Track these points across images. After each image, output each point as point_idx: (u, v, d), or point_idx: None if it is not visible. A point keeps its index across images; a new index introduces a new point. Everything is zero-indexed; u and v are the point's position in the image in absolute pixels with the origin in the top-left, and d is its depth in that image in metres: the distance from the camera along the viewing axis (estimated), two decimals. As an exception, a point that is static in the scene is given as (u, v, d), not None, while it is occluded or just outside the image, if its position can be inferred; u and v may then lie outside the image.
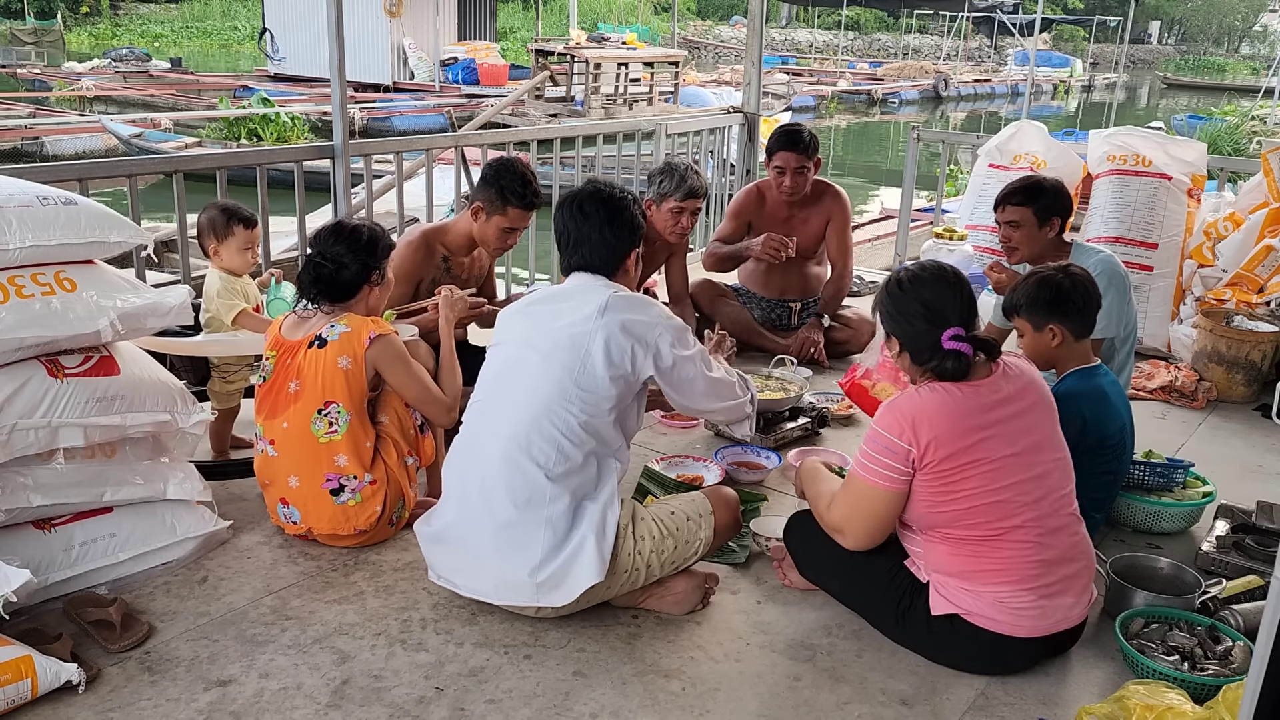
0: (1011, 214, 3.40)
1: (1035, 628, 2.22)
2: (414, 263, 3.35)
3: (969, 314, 2.27)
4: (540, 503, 2.29)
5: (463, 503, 2.39)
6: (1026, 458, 2.21)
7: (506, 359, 2.46)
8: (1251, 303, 4.37)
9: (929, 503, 2.22)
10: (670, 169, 4.00)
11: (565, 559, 2.29)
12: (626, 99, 18.69)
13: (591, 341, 2.34)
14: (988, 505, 2.18)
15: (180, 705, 2.11)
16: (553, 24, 34.97)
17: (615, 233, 2.46)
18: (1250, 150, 13.15)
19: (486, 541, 2.34)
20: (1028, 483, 2.20)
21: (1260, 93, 20.57)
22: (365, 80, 21.15)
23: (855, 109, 29.25)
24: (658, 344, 2.40)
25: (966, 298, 2.28)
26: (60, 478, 2.45)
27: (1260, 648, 1.25)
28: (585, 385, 2.33)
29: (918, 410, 2.20)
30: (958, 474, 2.17)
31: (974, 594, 2.22)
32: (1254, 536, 2.83)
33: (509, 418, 2.35)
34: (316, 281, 2.71)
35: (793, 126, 4.40)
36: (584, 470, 2.33)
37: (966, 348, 2.21)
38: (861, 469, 2.26)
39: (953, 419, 2.18)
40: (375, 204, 5.02)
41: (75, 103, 19.63)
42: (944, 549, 2.25)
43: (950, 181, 10.25)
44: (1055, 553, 2.23)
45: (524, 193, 3.27)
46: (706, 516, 2.48)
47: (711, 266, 4.58)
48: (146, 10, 40.78)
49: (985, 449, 2.17)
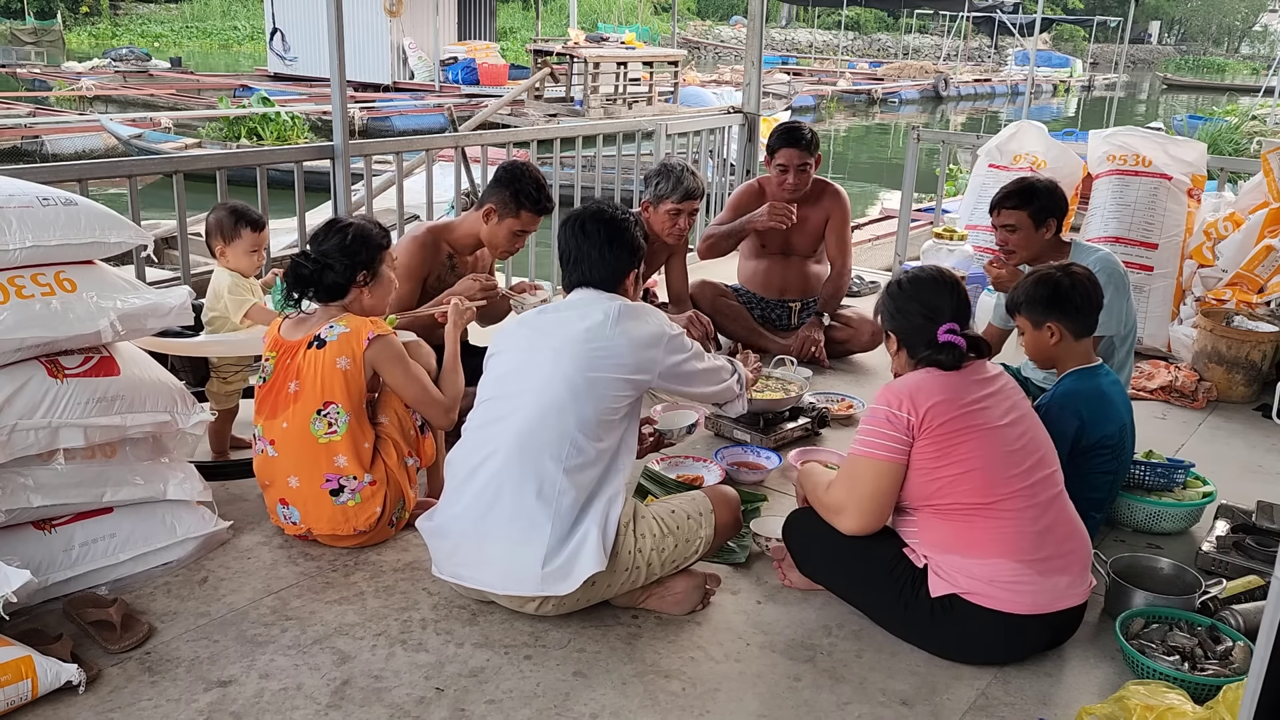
0: (1007, 218, 3.41)
1: (1034, 604, 2.25)
2: (420, 260, 3.39)
3: (962, 313, 2.42)
4: (551, 496, 2.32)
5: (469, 495, 2.40)
6: (1016, 429, 2.33)
7: (515, 359, 2.49)
8: (1251, 303, 4.37)
9: (925, 470, 2.29)
10: (666, 170, 4.00)
11: (571, 550, 2.32)
12: (626, 99, 18.68)
13: (603, 343, 2.39)
14: (980, 471, 2.26)
15: (180, 705, 2.11)
16: (552, 24, 34.97)
17: (615, 253, 2.52)
18: (1250, 150, 13.16)
19: (494, 533, 2.35)
20: (1018, 453, 2.30)
21: (1260, 92, 20.56)
22: (365, 80, 21.16)
23: (855, 109, 29.24)
24: (664, 350, 2.47)
25: (960, 299, 2.44)
26: (60, 478, 2.45)
27: (1260, 648, 1.25)
28: (597, 383, 2.37)
29: (915, 384, 2.32)
30: (955, 438, 2.27)
31: (970, 571, 2.26)
32: (1254, 536, 2.83)
33: (523, 412, 2.38)
34: (298, 282, 2.69)
35: (793, 124, 4.40)
36: (595, 465, 2.37)
37: (960, 341, 2.35)
38: (860, 445, 2.35)
39: (949, 388, 2.31)
40: (375, 202, 5.02)
41: (75, 102, 19.63)
42: (938, 522, 2.32)
43: (950, 181, 10.26)
44: (1046, 524, 2.29)
45: (538, 197, 3.34)
46: (707, 515, 2.50)
47: (709, 250, 4.52)
48: (146, 10, 40.79)
49: (980, 417, 2.29)
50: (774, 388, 3.65)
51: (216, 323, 3.18)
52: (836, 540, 2.42)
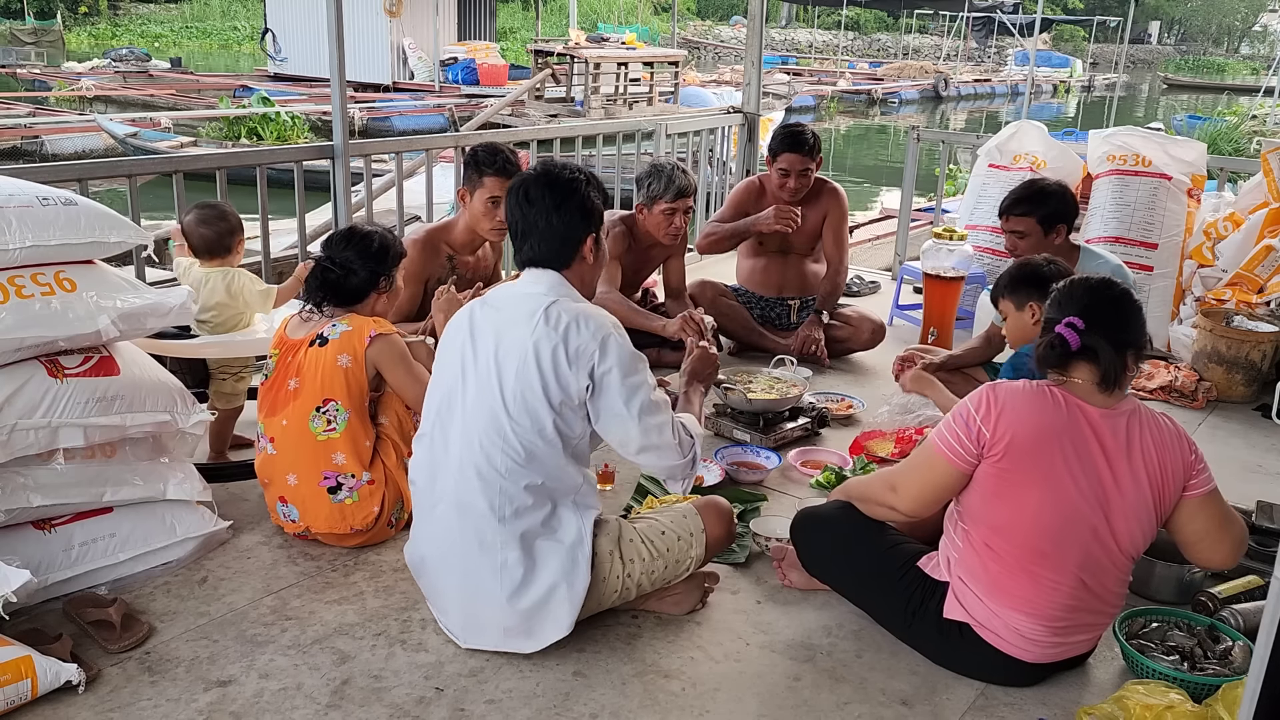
0: (1016, 224, 3.41)
1: (1043, 655, 2.21)
2: (420, 262, 3.42)
3: (1109, 325, 2.13)
4: (492, 548, 2.19)
5: (430, 541, 2.33)
6: (1101, 497, 2.10)
7: (444, 391, 2.29)
8: (1251, 303, 4.37)
9: (983, 496, 2.16)
10: (657, 170, 4.00)
11: (532, 606, 2.20)
12: (626, 99, 18.67)
13: (522, 363, 2.15)
14: (1037, 527, 2.10)
15: (180, 705, 2.11)
16: (553, 24, 34.96)
17: (565, 219, 2.23)
18: (1250, 150, 13.15)
19: (453, 582, 2.28)
20: (1087, 525, 2.10)
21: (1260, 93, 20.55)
22: (365, 80, 21.15)
23: (855, 109, 29.24)
24: (594, 361, 2.16)
25: (1125, 318, 2.15)
26: (60, 478, 2.45)
27: (1260, 648, 1.24)
28: (517, 416, 2.15)
29: (1009, 399, 2.13)
30: (1020, 480, 2.10)
31: (991, 612, 2.19)
32: (1254, 536, 2.82)
33: (454, 455, 2.23)
34: (323, 286, 2.72)
35: (796, 127, 4.39)
36: (535, 512, 2.19)
37: (1074, 339, 2.10)
38: (937, 435, 2.19)
39: (1040, 424, 2.10)
40: (375, 202, 5.02)
41: (75, 103, 19.62)
42: (980, 557, 2.18)
43: (950, 181, 10.25)
44: (1084, 602, 2.17)
45: (493, 159, 3.42)
46: (698, 535, 2.41)
47: (709, 246, 4.52)
48: (146, 10, 40.77)
49: (1059, 467, 2.09)
50: (774, 388, 3.64)
51: (227, 323, 3.17)
52: (847, 539, 2.41)
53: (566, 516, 2.24)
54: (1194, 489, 2.15)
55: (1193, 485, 2.15)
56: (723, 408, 3.63)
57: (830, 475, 3.21)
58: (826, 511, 2.52)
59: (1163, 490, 2.13)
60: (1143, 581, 2.59)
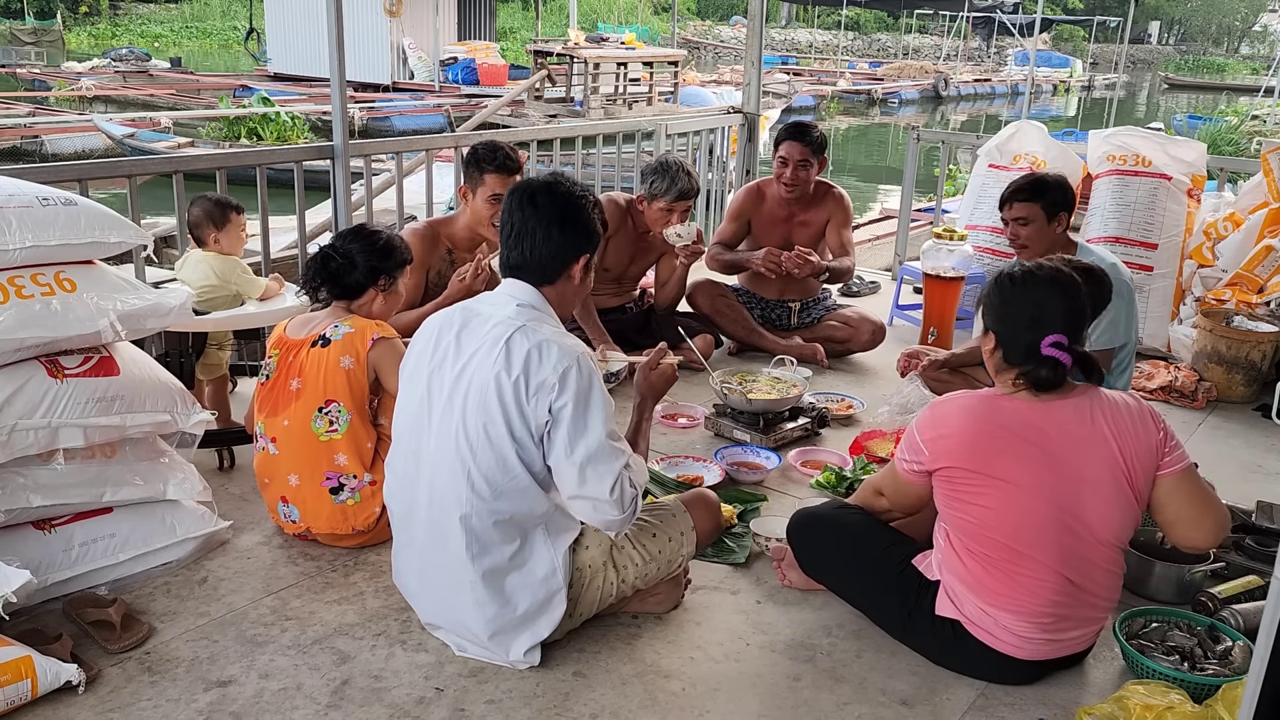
0: (1020, 210, 3.38)
1: (1037, 652, 2.21)
2: (421, 251, 3.50)
3: (1076, 324, 2.15)
4: (463, 586, 2.17)
5: (410, 573, 2.34)
6: (1063, 490, 2.09)
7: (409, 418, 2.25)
8: (1251, 303, 4.37)
9: (944, 503, 2.23)
10: (664, 168, 4.04)
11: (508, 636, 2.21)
12: (626, 99, 18.65)
13: (483, 396, 2.09)
14: (1003, 527, 2.13)
15: (180, 706, 2.11)
16: (552, 24, 34.96)
17: (565, 235, 2.18)
18: (1250, 150, 13.15)
19: (437, 610, 2.31)
20: (1054, 519, 2.10)
21: (1260, 92, 20.55)
22: (365, 80, 21.14)
23: (855, 109, 29.23)
24: (553, 395, 2.07)
25: (1077, 308, 2.15)
26: (60, 478, 2.45)
27: (1260, 648, 1.24)
28: (480, 450, 2.10)
29: (947, 411, 2.20)
30: (970, 486, 2.15)
31: (981, 610, 2.19)
32: (1254, 536, 2.83)
33: (423, 489, 2.20)
34: (322, 272, 2.74)
35: (802, 122, 4.51)
36: (503, 547, 2.16)
37: (1065, 357, 2.08)
38: (898, 449, 2.32)
39: (977, 429, 2.14)
40: (375, 201, 5.02)
41: (75, 102, 19.61)
42: (960, 558, 2.20)
43: (950, 181, 10.25)
44: (1072, 597, 2.16)
45: (494, 156, 3.50)
46: (689, 534, 2.43)
47: (715, 267, 4.61)
48: (146, 10, 40.77)
49: (1008, 470, 2.10)
50: (774, 388, 3.64)
51: (219, 302, 3.31)
52: (843, 540, 2.42)
53: (538, 548, 2.20)
54: (1167, 468, 2.15)
55: (1165, 464, 2.15)
56: (723, 408, 3.63)
57: (830, 475, 3.21)
58: (822, 512, 2.54)
59: (1131, 472, 2.11)
60: (1143, 581, 2.61)
